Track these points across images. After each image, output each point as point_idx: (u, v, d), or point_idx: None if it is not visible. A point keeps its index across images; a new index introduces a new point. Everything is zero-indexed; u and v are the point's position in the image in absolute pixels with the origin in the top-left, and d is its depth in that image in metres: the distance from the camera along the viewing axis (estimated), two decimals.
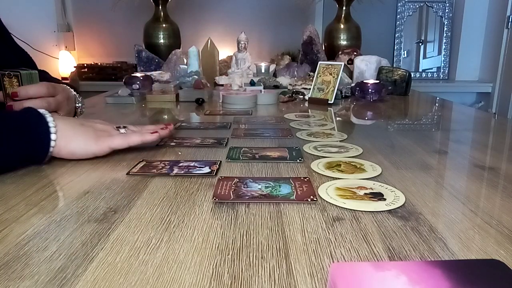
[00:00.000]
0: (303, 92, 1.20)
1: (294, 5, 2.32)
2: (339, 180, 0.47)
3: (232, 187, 0.44)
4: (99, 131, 0.55)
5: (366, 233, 0.34)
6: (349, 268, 0.23)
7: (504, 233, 0.34)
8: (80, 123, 0.55)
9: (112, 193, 0.43)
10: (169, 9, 2.06)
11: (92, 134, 0.54)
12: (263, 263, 0.29)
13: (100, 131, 0.55)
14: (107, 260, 0.29)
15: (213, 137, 0.69)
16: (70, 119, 0.57)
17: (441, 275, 0.22)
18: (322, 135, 0.71)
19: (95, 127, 0.56)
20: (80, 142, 0.53)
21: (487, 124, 0.93)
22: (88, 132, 0.54)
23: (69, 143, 0.52)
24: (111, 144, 0.55)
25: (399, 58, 2.45)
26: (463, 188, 0.45)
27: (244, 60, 1.61)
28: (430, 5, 2.41)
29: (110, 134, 0.56)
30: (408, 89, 1.32)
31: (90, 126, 0.55)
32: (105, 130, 0.56)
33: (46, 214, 0.37)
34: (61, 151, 0.52)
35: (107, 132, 0.56)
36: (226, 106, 1.08)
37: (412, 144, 0.65)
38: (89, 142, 0.53)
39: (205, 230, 0.34)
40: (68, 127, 0.53)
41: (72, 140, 0.52)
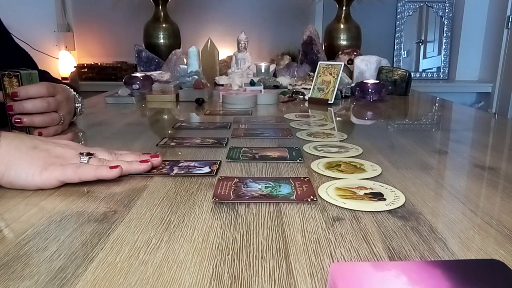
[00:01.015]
0: (303, 92, 1.20)
1: (294, 5, 2.32)
2: (339, 180, 0.47)
3: (232, 187, 0.44)
4: (53, 158, 0.45)
5: (366, 233, 0.34)
6: (349, 268, 0.23)
7: (504, 233, 0.34)
8: (33, 145, 0.45)
9: (112, 193, 0.43)
10: (169, 9, 2.06)
11: (41, 162, 0.43)
12: (263, 263, 0.29)
13: (54, 158, 0.45)
14: (107, 260, 0.29)
15: (213, 137, 0.69)
16: (24, 140, 0.45)
17: (441, 275, 0.22)
18: (322, 135, 0.71)
19: (50, 152, 0.45)
20: (22, 171, 0.42)
21: (487, 124, 0.93)
22: (37, 159, 0.44)
23: (8, 172, 0.42)
24: (59, 177, 0.43)
25: (399, 58, 2.45)
26: (463, 188, 0.45)
27: (244, 60, 1.61)
28: (430, 5, 2.41)
29: (65, 162, 0.45)
30: (408, 89, 1.32)
31: (45, 150, 0.45)
32: (62, 156, 0.46)
33: (46, 214, 0.37)
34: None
35: (63, 160, 0.45)
36: (226, 106, 1.08)
37: (412, 144, 0.65)
38: (33, 171, 0.43)
39: (205, 230, 0.34)
40: (13, 151, 0.43)
41: (12, 168, 0.42)
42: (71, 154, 0.46)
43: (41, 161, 0.44)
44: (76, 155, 0.46)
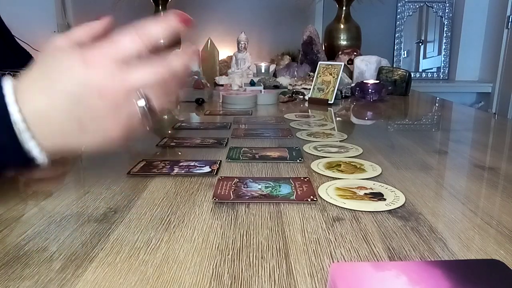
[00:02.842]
0: (303, 92, 1.20)
1: (294, 5, 2.32)
2: (339, 180, 0.47)
3: (232, 187, 0.44)
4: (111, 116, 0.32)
5: (366, 233, 0.34)
6: (349, 268, 0.23)
7: (504, 233, 0.34)
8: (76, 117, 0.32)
9: (112, 193, 0.43)
10: (169, 9, 2.06)
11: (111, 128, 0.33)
12: (263, 263, 0.29)
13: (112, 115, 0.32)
14: (107, 260, 0.29)
15: (213, 137, 0.69)
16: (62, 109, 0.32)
17: (441, 275, 0.22)
18: (322, 135, 0.71)
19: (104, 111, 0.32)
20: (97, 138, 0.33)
21: (487, 124, 0.93)
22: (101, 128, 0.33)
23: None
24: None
25: (399, 58, 2.45)
26: (463, 188, 0.45)
27: (244, 60, 1.61)
28: (430, 5, 2.41)
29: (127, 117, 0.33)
30: (408, 89, 1.32)
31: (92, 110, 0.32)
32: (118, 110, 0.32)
33: (46, 214, 0.37)
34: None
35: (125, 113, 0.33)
36: (226, 106, 1.08)
37: (412, 144, 0.65)
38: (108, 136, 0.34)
39: (205, 230, 0.34)
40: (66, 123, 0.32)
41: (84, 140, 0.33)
42: (124, 102, 0.32)
43: (96, 141, 0.33)
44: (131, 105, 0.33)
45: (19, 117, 0.31)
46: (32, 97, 0.31)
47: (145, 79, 0.32)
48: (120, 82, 0.32)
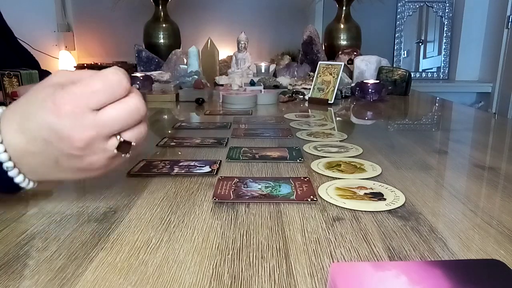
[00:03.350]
0: (303, 92, 1.20)
1: (294, 5, 2.32)
2: (339, 180, 0.47)
3: (232, 187, 0.44)
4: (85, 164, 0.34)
5: (366, 233, 0.34)
6: (349, 268, 0.23)
7: (504, 233, 0.34)
8: (54, 160, 0.33)
9: (112, 193, 0.43)
10: (169, 9, 2.06)
11: (75, 176, 0.36)
12: (263, 263, 0.29)
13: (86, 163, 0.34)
14: (107, 260, 0.29)
15: (213, 137, 0.69)
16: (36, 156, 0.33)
17: (441, 275, 0.22)
18: (322, 135, 0.71)
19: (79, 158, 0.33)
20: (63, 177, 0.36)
21: (487, 124, 0.93)
22: (69, 175, 0.36)
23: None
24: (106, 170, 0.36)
25: (399, 58, 2.45)
26: (463, 188, 0.45)
27: (244, 60, 1.61)
28: (430, 5, 2.41)
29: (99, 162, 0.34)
30: (408, 89, 1.32)
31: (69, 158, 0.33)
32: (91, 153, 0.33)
33: (46, 214, 0.37)
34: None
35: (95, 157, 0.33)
36: (226, 106, 1.08)
37: (412, 144, 0.65)
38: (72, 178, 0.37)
39: (205, 230, 0.34)
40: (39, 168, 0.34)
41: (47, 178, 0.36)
42: (102, 149, 0.33)
43: (76, 176, 0.36)
44: (107, 147, 0.33)
45: (1, 148, 0.32)
46: (12, 133, 0.32)
47: (116, 119, 0.32)
48: (90, 127, 0.31)
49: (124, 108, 0.32)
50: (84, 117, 0.31)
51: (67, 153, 0.32)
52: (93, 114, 0.31)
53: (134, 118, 0.33)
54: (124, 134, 0.34)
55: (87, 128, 0.31)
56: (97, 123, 0.31)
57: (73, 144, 0.31)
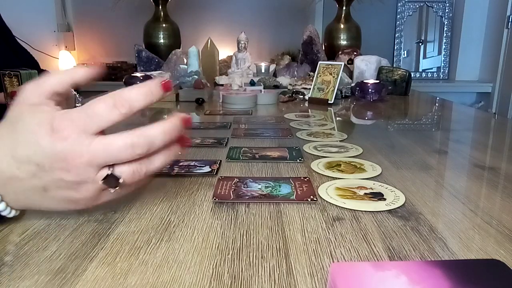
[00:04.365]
0: (303, 92, 1.20)
1: (294, 5, 2.32)
2: (339, 180, 0.47)
3: (232, 187, 0.44)
4: (72, 198, 0.32)
5: (366, 233, 0.34)
6: (349, 268, 0.23)
7: (504, 233, 0.34)
8: (42, 187, 0.32)
9: None
10: (169, 9, 2.06)
11: (62, 207, 0.34)
12: (263, 263, 0.29)
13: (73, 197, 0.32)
14: (107, 260, 0.29)
15: (213, 137, 0.69)
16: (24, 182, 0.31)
17: (441, 275, 0.22)
18: (322, 135, 0.71)
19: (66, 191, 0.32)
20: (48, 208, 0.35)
21: (487, 124, 0.93)
22: (55, 206, 0.34)
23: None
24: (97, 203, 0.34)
25: (399, 58, 2.45)
26: (463, 188, 0.45)
27: (244, 60, 1.61)
28: (430, 5, 2.41)
29: (88, 193, 0.32)
30: (408, 89, 1.32)
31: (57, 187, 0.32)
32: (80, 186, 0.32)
33: (46, 214, 0.37)
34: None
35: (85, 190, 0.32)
36: (226, 106, 1.08)
37: (412, 144, 0.65)
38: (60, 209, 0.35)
39: (205, 230, 0.34)
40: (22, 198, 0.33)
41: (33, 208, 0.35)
42: (91, 178, 0.31)
43: (60, 207, 0.34)
44: (96, 176, 0.31)
45: None
46: (1, 158, 0.31)
47: (114, 153, 0.30)
48: (86, 155, 0.30)
49: (120, 140, 0.30)
50: (80, 142, 0.30)
51: (57, 179, 0.31)
52: (89, 139, 0.30)
53: (130, 153, 0.31)
54: (118, 167, 0.31)
55: (81, 153, 0.30)
56: (90, 149, 0.30)
57: (66, 167, 0.30)
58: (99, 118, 0.30)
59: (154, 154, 0.33)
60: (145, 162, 0.32)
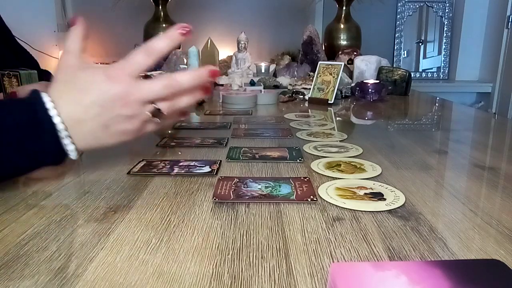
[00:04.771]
0: (303, 92, 1.20)
1: (294, 5, 2.32)
2: (339, 180, 0.47)
3: (232, 187, 0.44)
4: (129, 130, 0.40)
5: (366, 233, 0.34)
6: (349, 268, 0.23)
7: (504, 233, 0.34)
8: (103, 124, 0.39)
9: (112, 193, 0.43)
10: (169, 9, 2.06)
11: (122, 139, 0.41)
12: (263, 263, 0.29)
13: (130, 128, 0.40)
14: (107, 260, 0.29)
15: (213, 137, 0.69)
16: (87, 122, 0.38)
17: (441, 275, 0.22)
18: (322, 135, 0.71)
19: (123, 124, 0.40)
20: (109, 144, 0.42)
21: (487, 124, 0.93)
22: (117, 140, 0.41)
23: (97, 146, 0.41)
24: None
25: (399, 58, 2.45)
26: (463, 188, 0.45)
27: (244, 60, 1.61)
28: (430, 5, 2.41)
29: (141, 125, 0.41)
30: (408, 89, 1.32)
31: (116, 122, 0.39)
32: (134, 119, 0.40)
33: (46, 214, 0.37)
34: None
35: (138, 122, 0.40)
36: (226, 106, 1.08)
37: (412, 144, 0.65)
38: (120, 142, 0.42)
39: (205, 230, 0.34)
40: (88, 137, 0.39)
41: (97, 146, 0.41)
42: (141, 111, 0.40)
43: (117, 139, 0.41)
44: (144, 110, 0.40)
45: (58, 120, 0.37)
46: (66, 106, 0.38)
47: (155, 91, 0.40)
48: (138, 93, 0.39)
49: (160, 82, 0.40)
50: (132, 84, 0.38)
51: (117, 114, 0.38)
52: (138, 82, 0.39)
53: (168, 91, 0.40)
54: (160, 103, 0.40)
55: (133, 91, 0.38)
56: (140, 89, 0.39)
57: (124, 104, 0.38)
58: (139, 65, 0.39)
59: (182, 94, 0.42)
60: (176, 100, 0.42)
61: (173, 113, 0.43)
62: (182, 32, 0.41)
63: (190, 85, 0.42)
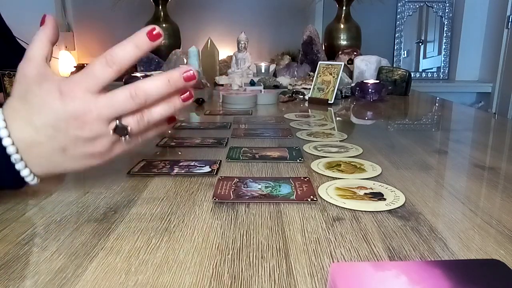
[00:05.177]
0: (303, 92, 1.20)
1: (294, 5, 2.32)
2: (339, 180, 0.47)
3: (232, 187, 0.44)
4: (89, 154, 0.36)
5: (366, 233, 0.34)
6: (349, 268, 0.23)
7: (504, 233, 0.34)
8: (60, 148, 0.35)
9: (112, 193, 0.43)
10: (169, 9, 2.06)
11: (81, 165, 0.37)
12: (263, 263, 0.29)
13: (90, 152, 0.36)
14: (107, 260, 0.29)
15: (213, 137, 0.69)
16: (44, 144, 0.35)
17: (441, 275, 0.22)
18: (322, 135, 0.71)
19: (83, 148, 0.35)
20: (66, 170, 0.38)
21: (487, 124, 0.93)
22: (73, 165, 0.37)
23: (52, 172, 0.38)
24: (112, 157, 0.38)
25: (399, 58, 2.45)
26: (463, 188, 0.45)
27: (244, 60, 1.61)
28: (430, 5, 2.41)
29: (103, 148, 0.36)
30: (408, 89, 1.32)
31: (75, 146, 0.35)
32: (96, 142, 0.35)
33: (46, 214, 0.37)
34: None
35: (100, 145, 0.36)
36: (226, 106, 1.08)
37: (412, 144, 0.65)
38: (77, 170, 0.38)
39: (205, 230, 0.34)
40: (43, 161, 0.36)
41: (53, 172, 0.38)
42: (104, 131, 0.35)
43: (80, 164, 0.37)
44: (107, 129, 0.35)
45: (9, 142, 0.34)
46: (18, 127, 0.34)
47: (116, 106, 0.34)
48: (95, 110, 0.33)
49: (120, 94, 0.34)
50: (87, 99, 0.33)
51: (73, 136, 0.34)
52: (94, 97, 0.33)
53: (134, 103, 0.34)
54: (124, 119, 0.35)
55: (90, 109, 0.33)
56: (97, 105, 0.33)
57: (79, 125, 0.33)
58: (97, 78, 0.34)
59: (154, 105, 0.36)
60: (146, 113, 0.36)
61: (147, 128, 0.37)
62: (150, 37, 0.35)
63: (160, 94, 0.35)
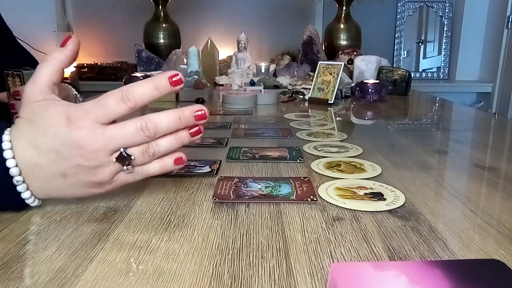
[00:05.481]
0: (303, 92, 1.20)
1: (294, 5, 2.32)
2: (339, 180, 0.47)
3: (232, 187, 0.44)
4: (89, 182, 0.36)
5: (366, 233, 0.34)
6: (349, 268, 0.23)
7: (504, 233, 0.34)
8: (60, 173, 0.35)
9: (112, 193, 0.42)
10: (169, 9, 2.06)
11: (80, 192, 0.37)
12: (263, 263, 0.29)
13: (90, 180, 0.35)
14: (107, 260, 0.29)
15: (213, 137, 0.69)
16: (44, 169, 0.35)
17: (441, 275, 0.22)
18: (322, 135, 0.71)
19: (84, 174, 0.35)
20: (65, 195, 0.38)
21: (487, 124, 0.93)
22: (73, 191, 0.37)
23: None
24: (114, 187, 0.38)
25: (399, 58, 2.45)
26: (463, 188, 0.45)
27: (244, 60, 1.61)
28: (430, 5, 2.41)
29: (104, 176, 0.35)
30: (408, 89, 1.32)
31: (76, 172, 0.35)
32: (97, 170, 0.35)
33: (46, 214, 0.37)
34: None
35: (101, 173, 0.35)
36: (226, 106, 1.08)
37: (412, 144, 0.65)
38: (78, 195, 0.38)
39: (205, 230, 0.34)
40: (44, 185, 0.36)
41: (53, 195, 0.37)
42: (107, 161, 0.35)
43: (80, 192, 0.37)
44: (110, 158, 0.35)
45: (13, 163, 0.34)
46: (22, 147, 0.34)
47: (123, 139, 0.34)
48: (101, 141, 0.33)
49: (130, 126, 0.34)
50: (94, 130, 0.33)
51: (76, 164, 0.34)
52: (102, 128, 0.34)
53: (142, 136, 0.34)
54: (129, 149, 0.35)
55: (96, 140, 0.33)
56: (104, 136, 0.33)
57: (83, 154, 0.33)
58: (109, 110, 0.34)
59: (161, 138, 0.36)
60: (152, 144, 0.36)
61: (150, 159, 0.36)
62: (171, 83, 0.36)
63: (170, 130, 0.36)
